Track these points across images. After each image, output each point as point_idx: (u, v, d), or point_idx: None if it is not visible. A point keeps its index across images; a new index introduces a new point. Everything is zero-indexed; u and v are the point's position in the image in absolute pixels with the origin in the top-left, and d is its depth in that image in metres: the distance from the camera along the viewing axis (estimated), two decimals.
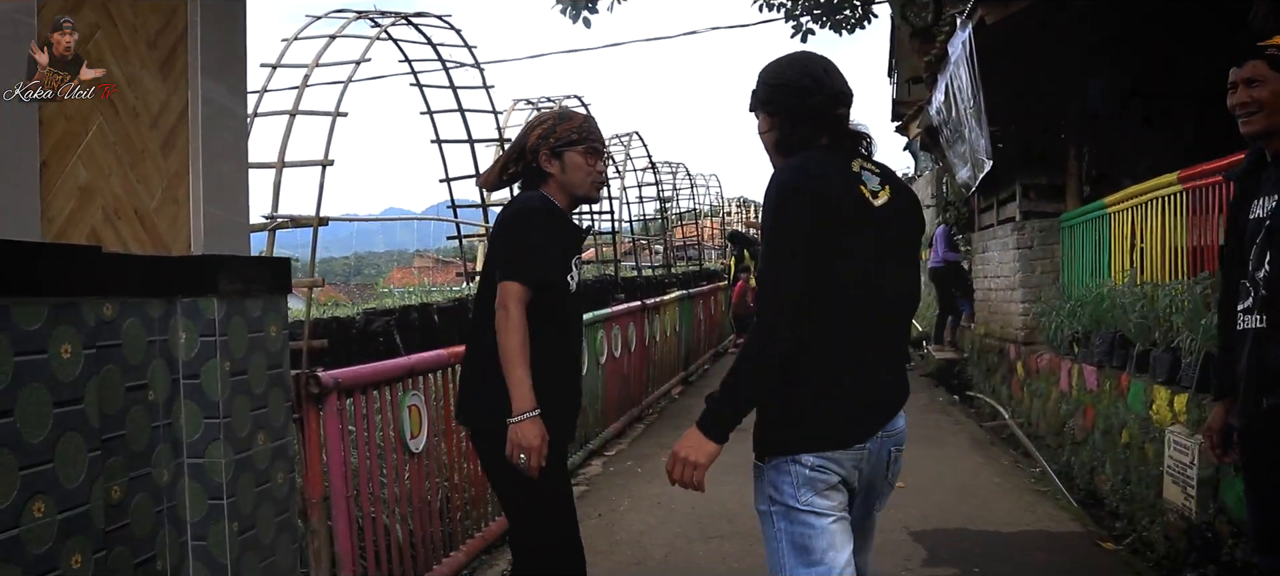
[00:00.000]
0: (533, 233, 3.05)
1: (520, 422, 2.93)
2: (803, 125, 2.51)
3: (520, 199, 3.19)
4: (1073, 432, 7.20)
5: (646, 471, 7.04)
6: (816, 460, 2.41)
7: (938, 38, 10.89)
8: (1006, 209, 10.12)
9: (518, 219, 3.10)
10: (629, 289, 13.59)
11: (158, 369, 2.95)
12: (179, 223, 3.11)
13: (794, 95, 2.52)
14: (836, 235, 2.36)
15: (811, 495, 2.43)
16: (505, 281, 3.00)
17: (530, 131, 3.25)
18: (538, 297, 3.04)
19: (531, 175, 3.25)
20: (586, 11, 13.35)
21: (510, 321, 2.97)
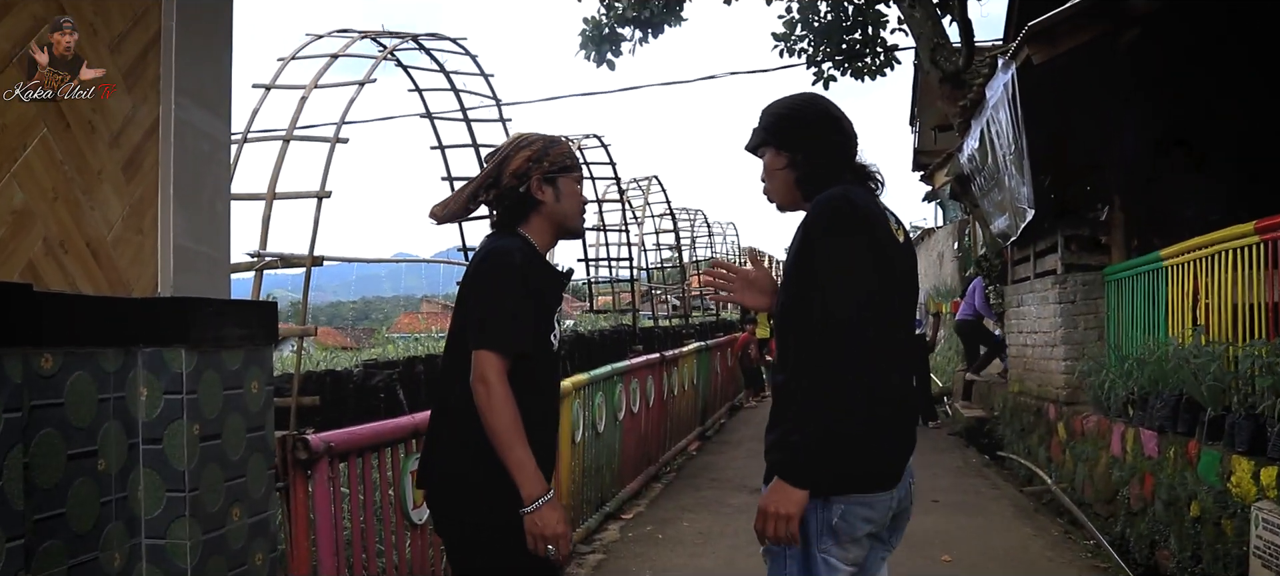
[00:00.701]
0: (510, 292, 2.61)
1: (537, 510, 2.52)
2: (827, 162, 2.49)
3: (496, 247, 2.71)
4: (1127, 501, 6.65)
5: (668, 538, 6.51)
6: (847, 507, 2.37)
7: (971, 82, 10.47)
8: (1046, 260, 9.61)
9: (495, 274, 2.64)
10: (646, 340, 13.09)
11: (111, 432, 2.47)
12: (142, 258, 2.64)
13: (816, 133, 2.51)
14: (884, 265, 2.38)
15: (832, 544, 2.38)
16: (482, 350, 2.56)
17: (513, 153, 2.77)
18: (518, 366, 2.60)
19: (513, 206, 2.77)
20: (610, 55, 13.00)
21: (495, 398, 2.54)
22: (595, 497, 6.85)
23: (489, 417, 2.53)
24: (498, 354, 2.55)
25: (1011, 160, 8.45)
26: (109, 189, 2.51)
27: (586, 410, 6.50)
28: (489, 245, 2.73)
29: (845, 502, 2.37)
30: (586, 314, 16.71)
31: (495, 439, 2.53)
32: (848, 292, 2.29)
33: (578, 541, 6.16)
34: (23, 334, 2.09)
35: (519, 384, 2.59)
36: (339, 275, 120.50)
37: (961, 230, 18.11)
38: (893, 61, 15.40)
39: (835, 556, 2.39)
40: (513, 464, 2.52)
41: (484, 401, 2.53)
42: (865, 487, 2.39)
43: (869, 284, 2.32)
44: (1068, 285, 8.90)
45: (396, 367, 7.34)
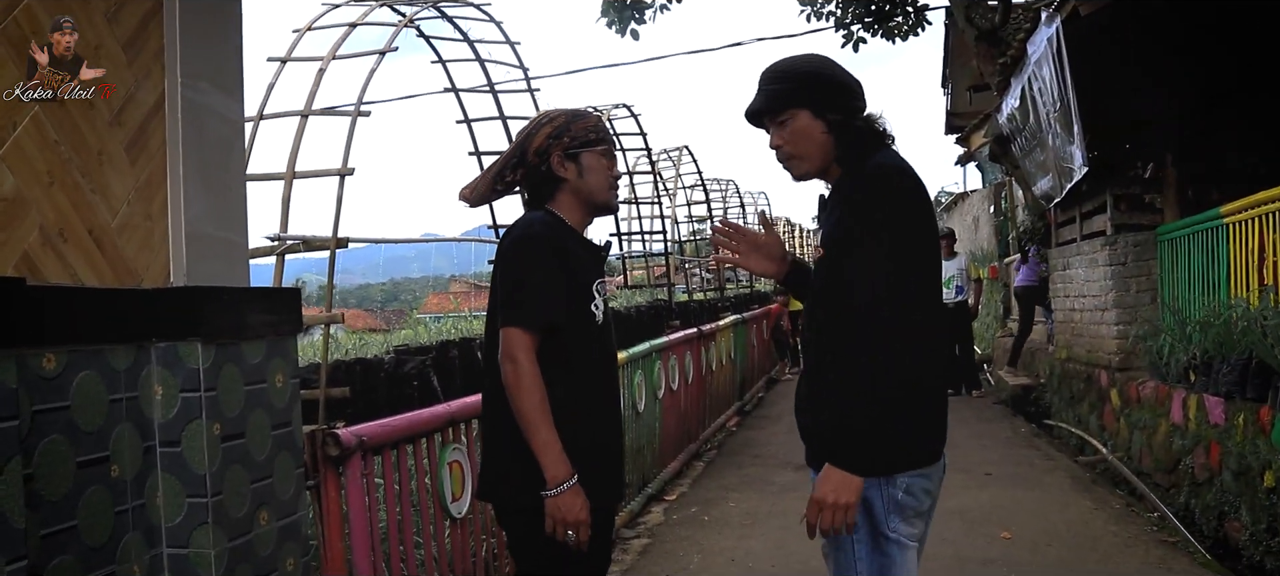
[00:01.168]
0: (535, 264, 2.53)
1: (559, 495, 2.44)
2: (861, 125, 2.41)
3: (521, 222, 2.64)
4: (1191, 471, 6.37)
5: (714, 519, 6.29)
6: (909, 481, 2.30)
7: (1009, 39, 10.13)
8: (1093, 222, 9.28)
9: (517, 248, 2.56)
10: (683, 314, 12.84)
11: (124, 435, 2.27)
12: (152, 245, 2.43)
13: (848, 95, 2.41)
14: (933, 233, 2.37)
15: (899, 522, 2.31)
16: (506, 327, 2.50)
17: (536, 131, 2.66)
18: (556, 340, 2.54)
19: (538, 183, 2.68)
20: (634, 23, 12.68)
21: (521, 376, 2.46)
22: (638, 479, 6.64)
23: (514, 396, 2.45)
24: (523, 329, 2.47)
25: (1056, 118, 8.13)
26: (111, 171, 2.30)
27: (626, 389, 6.28)
28: (516, 222, 2.64)
29: (908, 476, 2.30)
30: (622, 289, 16.47)
31: (520, 419, 2.45)
32: (913, 265, 2.24)
33: (621, 525, 5.95)
34: (19, 333, 1.88)
35: (556, 360, 2.51)
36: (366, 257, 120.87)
37: (998, 193, 17.74)
38: (923, 22, 15.03)
39: (903, 534, 2.32)
40: (537, 445, 2.44)
41: (511, 380, 2.46)
42: (926, 460, 2.34)
43: (929, 254, 2.31)
44: (1118, 246, 8.59)
45: (429, 353, 7.07)
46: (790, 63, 2.48)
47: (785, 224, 34.76)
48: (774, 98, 2.43)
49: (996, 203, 17.95)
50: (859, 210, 2.27)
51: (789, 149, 2.44)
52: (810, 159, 2.43)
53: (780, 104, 2.42)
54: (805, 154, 2.42)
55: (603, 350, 2.67)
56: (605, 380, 2.69)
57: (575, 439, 2.51)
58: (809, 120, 2.39)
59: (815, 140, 2.40)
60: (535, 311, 2.49)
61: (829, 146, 2.40)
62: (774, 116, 2.45)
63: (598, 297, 2.64)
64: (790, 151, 2.44)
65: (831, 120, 2.38)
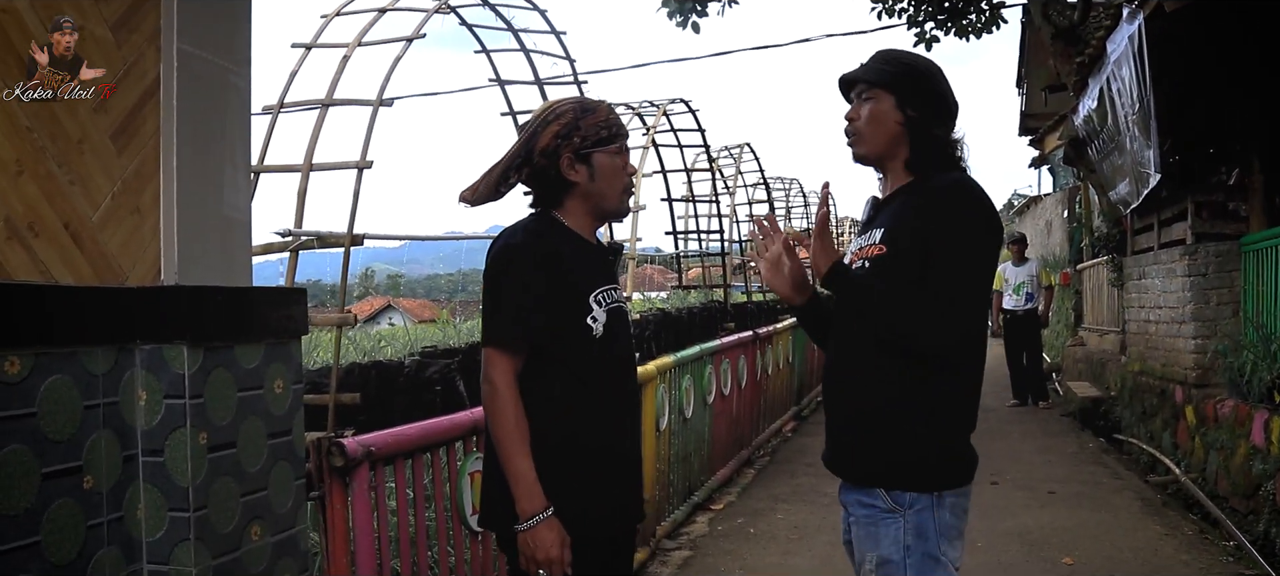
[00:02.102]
0: (514, 279, 2.34)
1: (530, 530, 2.28)
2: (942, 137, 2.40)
3: (505, 232, 2.44)
4: (1272, 498, 5.98)
5: (760, 532, 6.06)
6: (954, 500, 2.30)
7: (1087, 38, 9.71)
8: (1172, 230, 8.85)
9: (496, 262, 2.37)
10: (739, 316, 12.55)
11: (101, 445, 2.12)
12: (140, 241, 2.27)
13: (938, 103, 2.40)
14: None
15: (948, 546, 2.28)
16: (484, 347, 2.32)
17: (541, 128, 2.44)
18: (547, 358, 2.36)
19: (546, 185, 2.46)
20: (695, 16, 12.41)
21: (495, 399, 2.31)
22: (683, 487, 6.42)
23: (489, 421, 2.31)
24: (500, 351, 2.30)
25: (1135, 120, 7.73)
26: (93, 160, 2.15)
27: (672, 394, 6.06)
28: (500, 234, 2.45)
29: (953, 495, 2.31)
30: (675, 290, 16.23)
31: (495, 445, 2.30)
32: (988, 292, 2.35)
33: (663, 535, 5.75)
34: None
35: (544, 381, 2.34)
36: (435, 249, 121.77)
37: (1072, 197, 17.19)
38: (999, 19, 14.56)
39: (950, 559, 2.31)
40: (510, 474, 2.29)
41: (487, 403, 2.32)
42: (970, 477, 2.36)
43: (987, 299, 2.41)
44: (1198, 256, 8.15)
45: (456, 356, 6.83)
46: (902, 52, 2.49)
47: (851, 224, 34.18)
48: (870, 71, 2.43)
49: (1070, 207, 17.39)
50: (940, 224, 2.25)
51: (860, 124, 2.43)
52: (873, 142, 2.42)
53: (872, 78, 2.41)
54: (871, 135, 2.41)
55: (606, 367, 2.43)
56: (609, 400, 2.44)
57: (575, 466, 2.33)
58: (890, 106, 2.38)
59: (887, 127, 2.39)
60: (512, 331, 2.31)
61: (898, 139, 2.39)
62: (862, 90, 2.43)
63: (597, 309, 2.40)
64: (860, 127, 2.43)
65: (910, 116, 2.37)
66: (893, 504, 2.28)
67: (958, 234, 2.24)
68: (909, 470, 2.28)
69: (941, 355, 2.24)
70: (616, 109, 2.56)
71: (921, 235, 2.25)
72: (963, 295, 2.22)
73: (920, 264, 2.24)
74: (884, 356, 2.28)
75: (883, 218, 2.41)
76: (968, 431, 2.35)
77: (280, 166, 6.16)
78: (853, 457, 2.38)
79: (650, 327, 10.99)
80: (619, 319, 2.49)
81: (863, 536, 2.35)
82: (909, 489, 2.27)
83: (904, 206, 2.35)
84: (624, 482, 2.49)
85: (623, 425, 2.51)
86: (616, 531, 2.49)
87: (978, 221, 2.27)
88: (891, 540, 2.27)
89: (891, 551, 2.27)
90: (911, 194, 2.37)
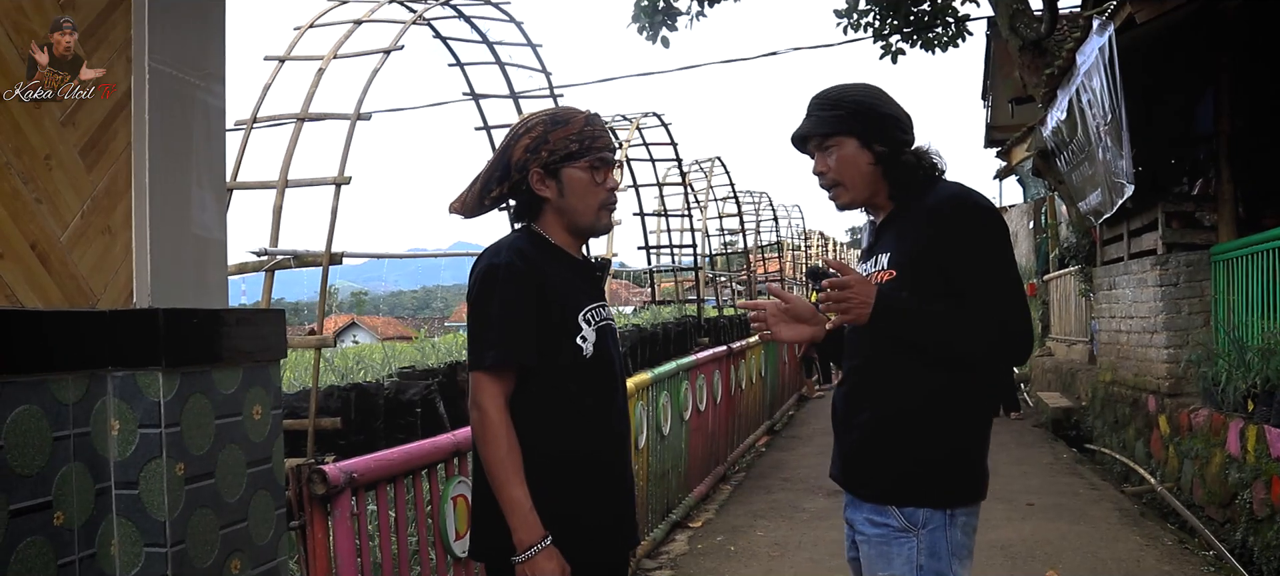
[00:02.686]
0: (500, 302, 2.25)
1: (529, 560, 2.20)
2: (906, 158, 2.36)
3: (488, 251, 2.36)
4: (1249, 506, 5.99)
5: (741, 549, 5.98)
6: (965, 518, 2.28)
7: (1055, 50, 9.77)
8: (1142, 239, 8.89)
9: (481, 284, 2.27)
10: (712, 331, 12.49)
11: (72, 478, 2.00)
12: (111, 262, 2.16)
13: (896, 128, 2.36)
14: None
15: (959, 566, 2.26)
16: (471, 371, 2.26)
17: (513, 142, 2.36)
18: (533, 383, 2.28)
19: (523, 199, 2.38)
20: (665, 30, 12.38)
21: (486, 426, 2.22)
22: (661, 505, 6.33)
23: (480, 449, 2.24)
24: (489, 376, 2.21)
25: (1107, 131, 7.76)
26: (62, 178, 2.04)
27: (650, 411, 5.98)
28: (482, 252, 2.37)
29: (965, 513, 2.29)
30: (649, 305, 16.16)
31: (487, 473, 2.24)
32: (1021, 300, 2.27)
33: (643, 555, 5.66)
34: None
35: (534, 405, 2.26)
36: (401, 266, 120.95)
37: (1038, 209, 17.30)
38: (964, 32, 14.68)
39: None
40: (504, 503, 2.21)
41: (477, 431, 2.24)
42: (982, 494, 2.34)
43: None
44: (1169, 266, 8.19)
45: (436, 376, 6.68)
46: (841, 90, 2.42)
47: (819, 237, 34.31)
48: (821, 123, 2.39)
49: (1037, 219, 17.51)
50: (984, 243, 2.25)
51: (833, 176, 2.39)
52: (854, 188, 2.39)
53: (827, 130, 2.38)
54: (850, 182, 2.39)
55: (596, 388, 2.35)
56: (602, 421, 2.36)
57: (567, 489, 2.26)
58: (855, 149, 2.36)
59: (860, 170, 2.37)
60: (501, 355, 2.22)
61: (874, 177, 2.38)
62: (820, 142, 2.40)
63: (586, 328, 2.32)
64: (835, 178, 2.40)
65: (878, 151, 2.35)
66: (906, 522, 2.26)
67: (973, 247, 2.24)
68: (924, 483, 2.26)
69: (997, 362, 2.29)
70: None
71: (933, 258, 2.25)
72: (1001, 301, 2.22)
73: (939, 284, 2.23)
74: (911, 369, 2.27)
75: (884, 243, 2.40)
76: (985, 444, 2.34)
77: (255, 183, 6.01)
78: (867, 474, 2.34)
79: (626, 344, 10.93)
80: (608, 336, 2.40)
81: (873, 555, 2.31)
82: (924, 505, 2.25)
83: (905, 230, 2.33)
84: (619, 505, 2.41)
85: (616, 446, 2.43)
86: (614, 556, 2.41)
87: (986, 227, 2.27)
88: (904, 559, 2.25)
89: (904, 570, 2.25)
90: (908, 215, 2.35)
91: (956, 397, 2.27)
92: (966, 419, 2.29)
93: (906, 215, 2.35)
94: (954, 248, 2.23)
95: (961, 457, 2.29)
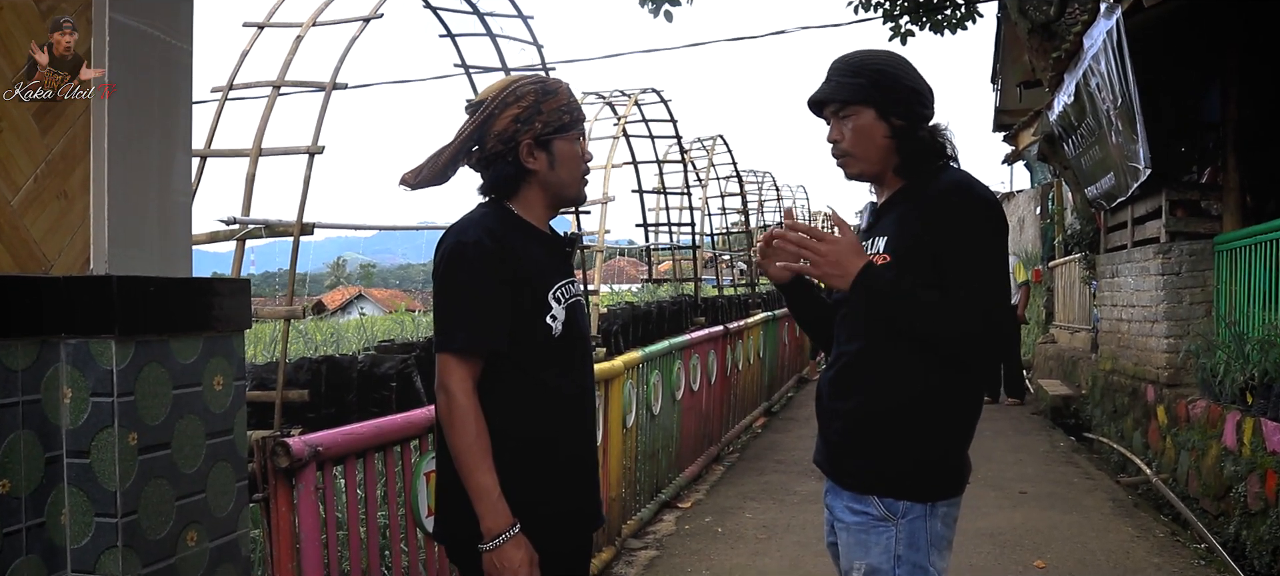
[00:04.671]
0: (469, 281, 2.17)
1: (497, 549, 2.14)
2: (923, 135, 2.30)
3: (455, 229, 2.25)
4: (1243, 500, 5.94)
5: (728, 531, 5.94)
6: (946, 509, 2.25)
7: (1064, 33, 9.66)
8: (1145, 228, 8.80)
9: (450, 263, 2.19)
10: (710, 311, 12.43)
11: (21, 446, 1.97)
12: (66, 227, 2.12)
13: (918, 101, 2.30)
14: None
15: (938, 558, 2.24)
16: (438, 353, 2.19)
17: (499, 111, 2.26)
18: (504, 359, 2.21)
19: (500, 172, 2.28)
20: (668, 4, 12.26)
21: (454, 410, 2.15)
22: (650, 485, 6.30)
23: (448, 434, 2.17)
24: (457, 357, 2.15)
25: (1118, 114, 7.66)
26: (14, 140, 1.99)
27: (640, 389, 5.93)
28: (450, 230, 2.26)
29: (945, 505, 2.26)
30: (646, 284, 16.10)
31: (455, 459, 2.17)
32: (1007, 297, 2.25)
33: (629, 535, 5.63)
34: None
35: (502, 388, 2.19)
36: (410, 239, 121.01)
37: (1045, 194, 17.20)
38: (974, 14, 14.53)
39: (938, 569, 2.27)
40: (472, 489, 2.14)
41: (445, 415, 2.17)
42: (962, 487, 2.31)
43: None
44: (1172, 255, 8.11)
45: (413, 350, 6.59)
46: (864, 56, 2.35)
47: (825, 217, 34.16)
48: (841, 89, 2.31)
49: (1043, 204, 17.42)
50: (947, 225, 2.20)
51: (846, 145, 2.33)
52: (867, 160, 2.33)
53: (846, 96, 2.30)
54: (862, 154, 2.32)
55: (565, 366, 2.29)
56: (569, 401, 2.30)
57: (529, 471, 2.20)
58: (872, 120, 2.29)
59: (875, 142, 2.30)
60: (470, 337, 2.15)
61: (888, 151, 2.31)
62: (837, 109, 2.33)
63: (556, 306, 2.26)
64: (847, 148, 2.33)
65: (896, 125, 2.29)
66: (886, 512, 2.22)
67: (967, 238, 2.19)
68: (908, 479, 2.22)
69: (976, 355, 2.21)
70: (586, 96, 2.42)
71: (928, 246, 2.20)
72: (987, 295, 2.16)
73: (932, 272, 2.18)
74: (899, 361, 2.22)
75: (883, 225, 2.33)
76: (968, 439, 2.31)
77: (228, 151, 5.95)
78: (850, 463, 2.30)
79: (619, 322, 10.86)
80: (577, 313, 2.35)
81: (852, 543, 2.27)
82: (905, 498, 2.22)
83: (906, 215, 2.27)
84: (585, 486, 2.37)
85: (583, 426, 2.39)
86: (578, 538, 2.37)
87: (983, 220, 2.22)
88: (882, 548, 2.22)
89: (881, 560, 2.22)
90: (910, 200, 2.29)
91: (945, 394, 2.23)
92: (953, 416, 2.26)
93: (908, 201, 2.30)
94: (948, 236, 2.18)
95: (945, 453, 2.26)
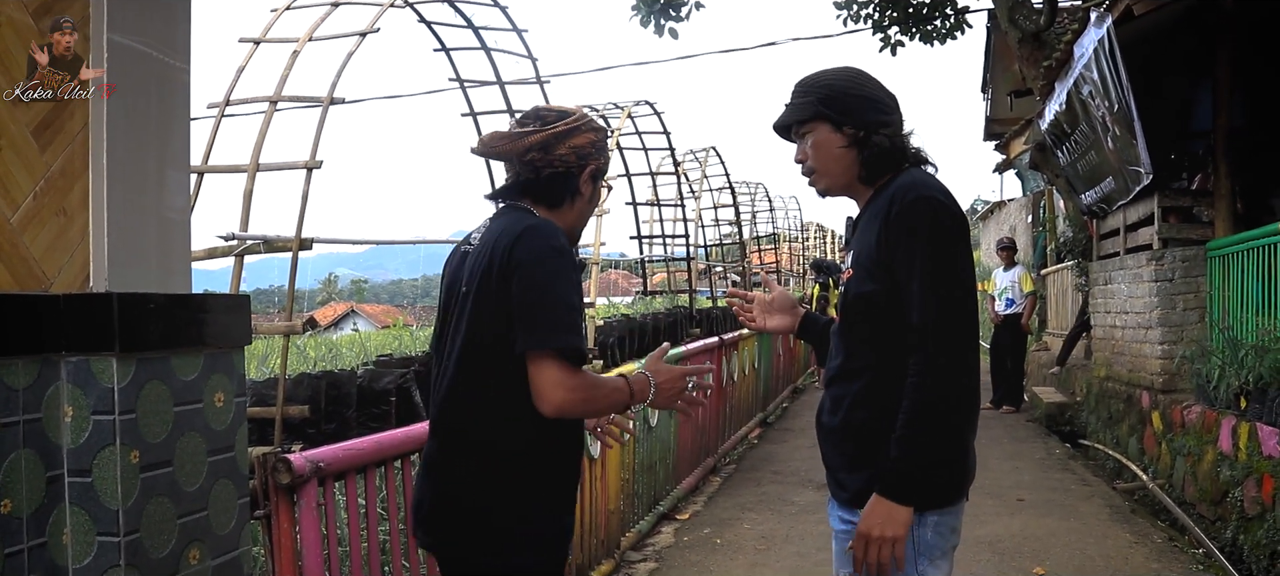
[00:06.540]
0: (565, 282, 2.17)
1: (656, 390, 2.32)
2: (891, 142, 2.27)
3: (544, 230, 2.20)
4: (1240, 504, 5.95)
5: (727, 542, 5.93)
6: (938, 519, 2.19)
7: (1054, 43, 9.70)
8: (1139, 234, 8.83)
9: (547, 262, 2.16)
10: (705, 321, 12.43)
11: (22, 465, 1.96)
12: (65, 244, 2.11)
13: (872, 110, 2.28)
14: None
15: (928, 565, 2.19)
16: (539, 352, 2.09)
17: (583, 128, 2.31)
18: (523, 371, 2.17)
19: (554, 184, 2.30)
20: (668, 21, 12.24)
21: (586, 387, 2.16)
22: (648, 496, 6.28)
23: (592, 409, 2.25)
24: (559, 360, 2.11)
25: (1114, 120, 7.69)
26: (12, 157, 1.99)
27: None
28: (529, 223, 2.21)
29: (938, 514, 2.19)
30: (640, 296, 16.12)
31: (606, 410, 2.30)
32: (963, 301, 2.14)
33: (628, 547, 5.62)
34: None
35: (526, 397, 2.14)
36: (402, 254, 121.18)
37: (1037, 203, 17.25)
38: (964, 25, 14.59)
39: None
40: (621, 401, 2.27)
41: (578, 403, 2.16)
42: (960, 496, 2.25)
43: (972, 287, 2.18)
44: (1165, 262, 8.13)
45: (412, 365, 6.59)
46: (816, 75, 2.37)
47: (817, 229, 34.24)
48: (795, 110, 2.34)
49: (1035, 212, 17.46)
50: (898, 235, 2.15)
51: (810, 163, 2.34)
52: (829, 174, 2.33)
53: (800, 116, 2.33)
54: (824, 168, 2.33)
55: None
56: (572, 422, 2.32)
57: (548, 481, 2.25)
58: (827, 133, 2.30)
59: (832, 154, 2.30)
60: (573, 339, 2.12)
61: (849, 161, 2.30)
62: (797, 129, 2.36)
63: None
64: (811, 165, 2.35)
65: (850, 133, 2.27)
66: None
67: (909, 236, 2.14)
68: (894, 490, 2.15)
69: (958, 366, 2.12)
70: (581, 109, 2.43)
71: (882, 256, 2.18)
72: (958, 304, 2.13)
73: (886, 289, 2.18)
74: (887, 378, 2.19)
75: (856, 239, 2.36)
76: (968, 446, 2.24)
77: (225, 167, 5.94)
78: (840, 476, 2.30)
79: (615, 334, 10.84)
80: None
81: (841, 552, 2.30)
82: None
83: (868, 225, 2.28)
84: (574, 501, 2.41)
85: (579, 440, 2.41)
86: (566, 553, 2.40)
87: (946, 225, 2.16)
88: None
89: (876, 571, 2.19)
90: (873, 213, 2.27)
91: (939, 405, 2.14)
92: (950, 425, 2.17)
93: (872, 211, 2.28)
94: (895, 245, 2.16)
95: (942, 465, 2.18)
